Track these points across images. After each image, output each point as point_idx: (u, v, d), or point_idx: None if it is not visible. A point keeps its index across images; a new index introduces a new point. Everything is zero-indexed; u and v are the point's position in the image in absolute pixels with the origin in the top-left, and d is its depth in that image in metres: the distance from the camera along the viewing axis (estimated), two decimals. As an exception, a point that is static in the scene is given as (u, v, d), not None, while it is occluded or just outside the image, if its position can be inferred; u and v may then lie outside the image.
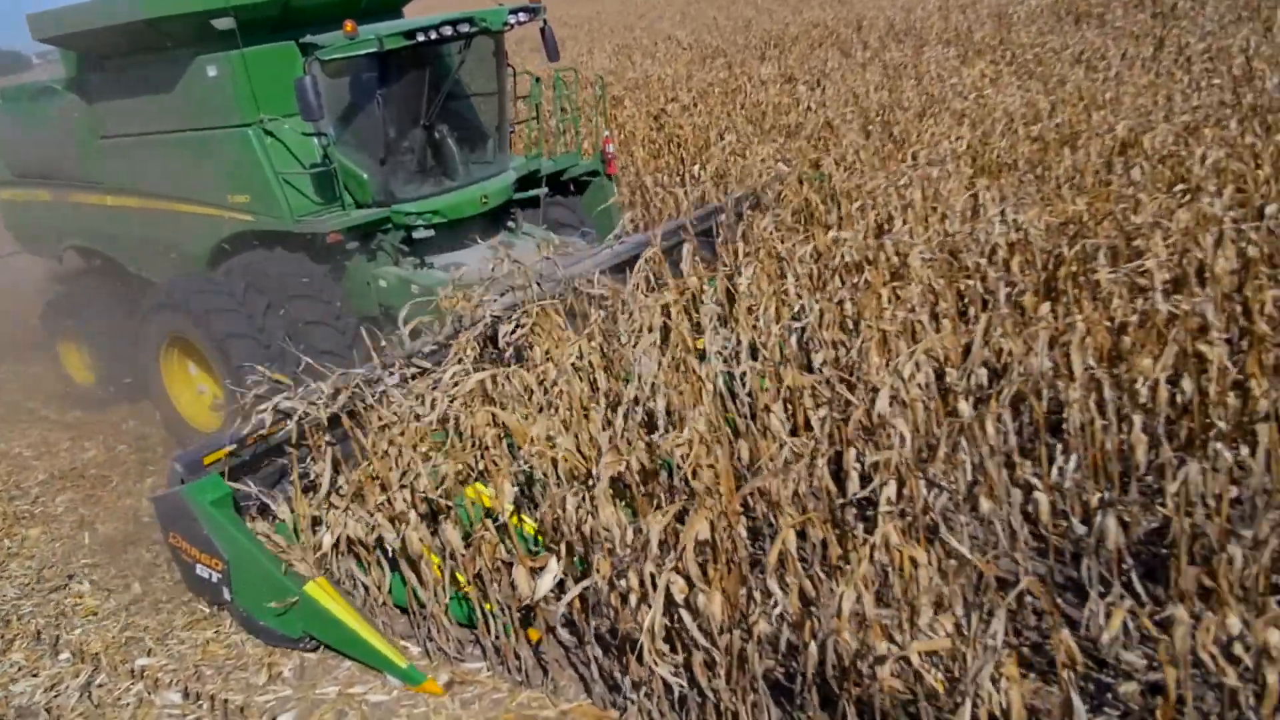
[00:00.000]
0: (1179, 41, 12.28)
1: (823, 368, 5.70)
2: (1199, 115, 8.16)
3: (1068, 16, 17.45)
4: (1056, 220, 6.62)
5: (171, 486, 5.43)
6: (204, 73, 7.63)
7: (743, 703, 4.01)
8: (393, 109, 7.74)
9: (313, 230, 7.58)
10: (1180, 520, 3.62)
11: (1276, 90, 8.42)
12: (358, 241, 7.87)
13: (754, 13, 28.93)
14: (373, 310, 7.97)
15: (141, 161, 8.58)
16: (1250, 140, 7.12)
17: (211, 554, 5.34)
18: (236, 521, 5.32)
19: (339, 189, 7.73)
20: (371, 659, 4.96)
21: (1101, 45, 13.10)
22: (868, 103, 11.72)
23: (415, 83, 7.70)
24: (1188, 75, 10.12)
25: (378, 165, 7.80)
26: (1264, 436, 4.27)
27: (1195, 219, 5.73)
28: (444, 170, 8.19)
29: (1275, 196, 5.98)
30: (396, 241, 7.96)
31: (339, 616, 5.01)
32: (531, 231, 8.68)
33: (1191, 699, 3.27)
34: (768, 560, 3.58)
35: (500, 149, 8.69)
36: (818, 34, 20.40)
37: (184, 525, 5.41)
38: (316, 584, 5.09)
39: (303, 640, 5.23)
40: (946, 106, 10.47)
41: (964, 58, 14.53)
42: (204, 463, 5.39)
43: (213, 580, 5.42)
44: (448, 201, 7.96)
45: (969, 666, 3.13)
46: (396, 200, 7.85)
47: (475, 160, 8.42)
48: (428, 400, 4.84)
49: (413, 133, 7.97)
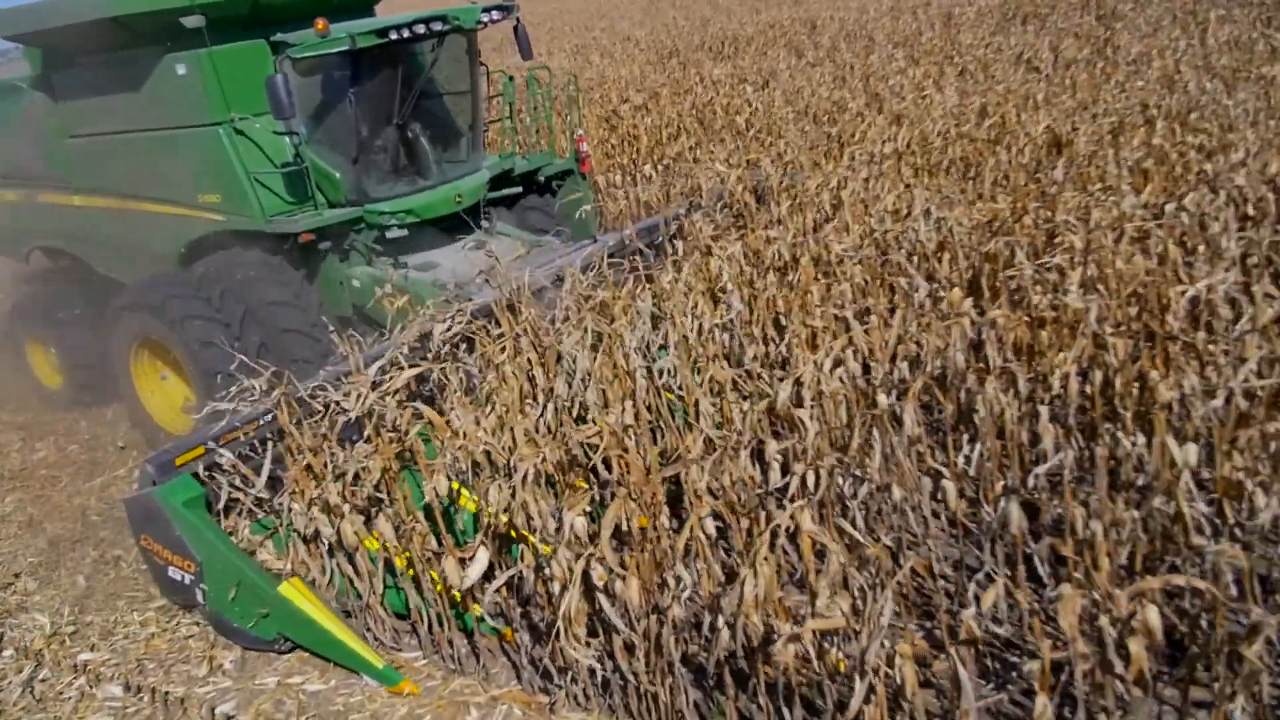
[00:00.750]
0: (1112, 44, 12.56)
1: (752, 363, 5.85)
2: (1125, 116, 8.39)
3: (1014, 18, 17.76)
4: (983, 219, 6.81)
5: (142, 488, 5.35)
6: (173, 71, 7.52)
7: (661, 685, 4.15)
8: (365, 108, 7.68)
9: (285, 230, 7.52)
10: (1068, 502, 3.78)
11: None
12: (330, 241, 7.83)
13: (712, 12, 29.10)
14: (345, 310, 7.91)
15: (110, 161, 8.45)
16: (1159, 141, 7.35)
17: (184, 555, 5.25)
18: (209, 522, 5.25)
19: (311, 188, 7.65)
20: (347, 660, 4.91)
21: (1038, 46, 13.35)
22: (812, 103, 11.89)
23: (388, 81, 7.64)
24: (1119, 77, 10.37)
25: (350, 164, 7.75)
26: (1159, 425, 4.48)
27: (1108, 217, 5.93)
28: (417, 169, 8.13)
29: (1178, 196, 6.19)
30: (369, 241, 7.94)
31: (313, 617, 4.94)
32: (506, 231, 8.66)
33: (1072, 671, 3.45)
34: (677, 546, 3.72)
35: (473, 148, 8.66)
36: (772, 34, 20.59)
37: (155, 527, 5.31)
38: (290, 584, 5.03)
39: (277, 642, 5.17)
40: (885, 107, 10.66)
41: (912, 59, 14.76)
42: (175, 464, 5.30)
43: (185, 582, 5.33)
44: (421, 201, 7.93)
45: (861, 644, 3.28)
46: (369, 199, 7.81)
47: (448, 159, 8.37)
48: (353, 395, 4.92)
49: (385, 131, 7.92)
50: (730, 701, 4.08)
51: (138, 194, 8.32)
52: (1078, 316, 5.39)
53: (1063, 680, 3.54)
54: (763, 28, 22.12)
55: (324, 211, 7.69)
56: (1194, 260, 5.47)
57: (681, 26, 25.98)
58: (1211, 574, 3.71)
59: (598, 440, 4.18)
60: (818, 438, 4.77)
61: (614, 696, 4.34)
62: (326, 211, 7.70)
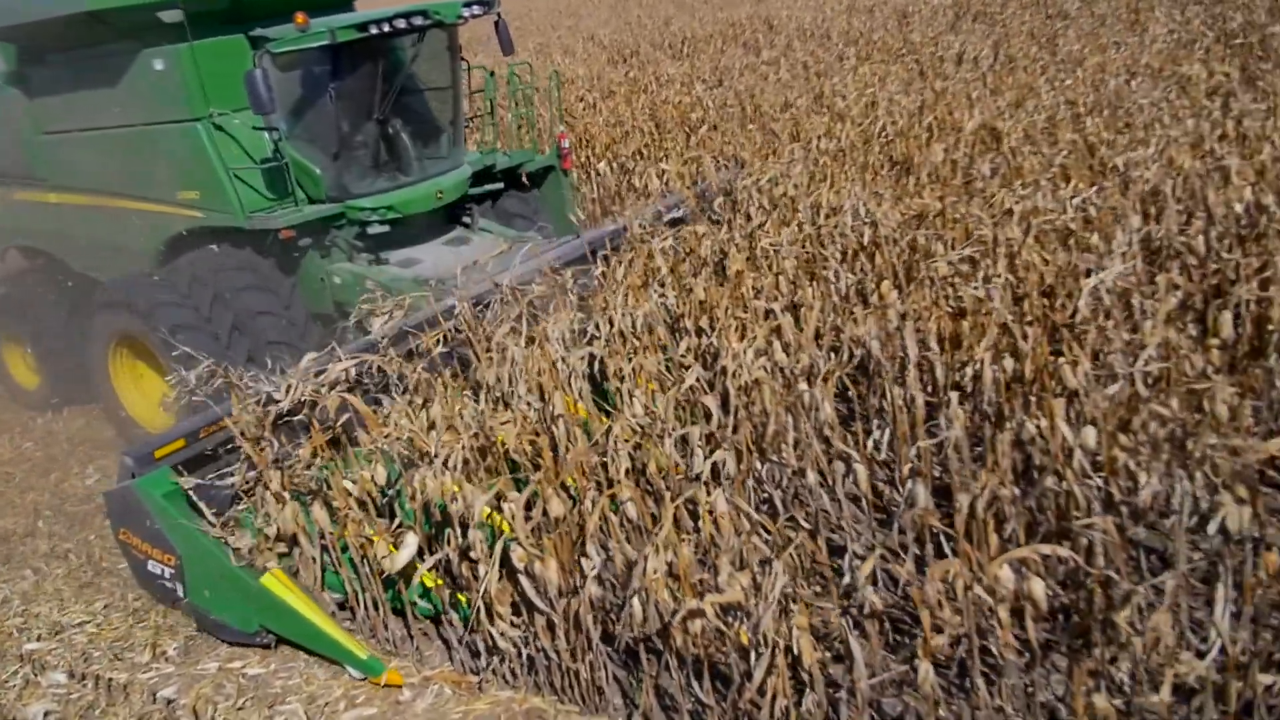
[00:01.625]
0: (1053, 43, 12.82)
1: (685, 354, 6.00)
2: (1053, 113, 8.62)
3: (965, 15, 18.01)
4: (912, 213, 7.01)
5: (121, 481, 5.28)
6: (151, 66, 7.44)
7: (582, 662, 4.31)
8: (346, 103, 7.66)
9: (265, 227, 7.46)
10: (954, 480, 3.99)
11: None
12: (311, 238, 7.77)
13: (676, 11, 29.21)
14: (327, 307, 7.87)
15: (86, 158, 8.35)
16: (1074, 136, 7.59)
17: (163, 549, 5.19)
18: (189, 514, 5.15)
19: (291, 184, 7.58)
20: (331, 651, 4.86)
21: (982, 45, 13.60)
22: (760, 101, 12.07)
23: (368, 76, 7.61)
24: (1051, 75, 10.63)
25: (331, 160, 7.70)
26: (1059, 408, 4.68)
27: (1023, 210, 6.14)
28: (398, 165, 8.09)
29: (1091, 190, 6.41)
30: (350, 237, 7.89)
31: (296, 608, 4.87)
32: (488, 227, 8.62)
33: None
34: (588, 527, 3.87)
35: (455, 144, 8.61)
36: (731, 33, 20.76)
37: (134, 520, 5.24)
38: (273, 575, 4.94)
39: (259, 635, 5.10)
40: (829, 105, 10.86)
41: (862, 57, 14.97)
42: (155, 456, 5.24)
43: (165, 576, 5.28)
44: (402, 197, 7.87)
45: (757, 617, 3.45)
46: (350, 195, 7.75)
47: (430, 155, 8.32)
48: (283, 386, 5.04)
49: (366, 127, 7.87)
50: (648, 676, 4.25)
51: (115, 191, 8.23)
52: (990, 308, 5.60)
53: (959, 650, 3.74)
54: (722, 26, 22.29)
55: (304, 208, 7.63)
56: (1102, 252, 5.68)
57: (645, 25, 26.10)
58: (1103, 549, 3.94)
59: (511, 427, 4.33)
60: (740, 424, 4.96)
61: (539, 674, 4.50)
62: (307, 208, 7.64)
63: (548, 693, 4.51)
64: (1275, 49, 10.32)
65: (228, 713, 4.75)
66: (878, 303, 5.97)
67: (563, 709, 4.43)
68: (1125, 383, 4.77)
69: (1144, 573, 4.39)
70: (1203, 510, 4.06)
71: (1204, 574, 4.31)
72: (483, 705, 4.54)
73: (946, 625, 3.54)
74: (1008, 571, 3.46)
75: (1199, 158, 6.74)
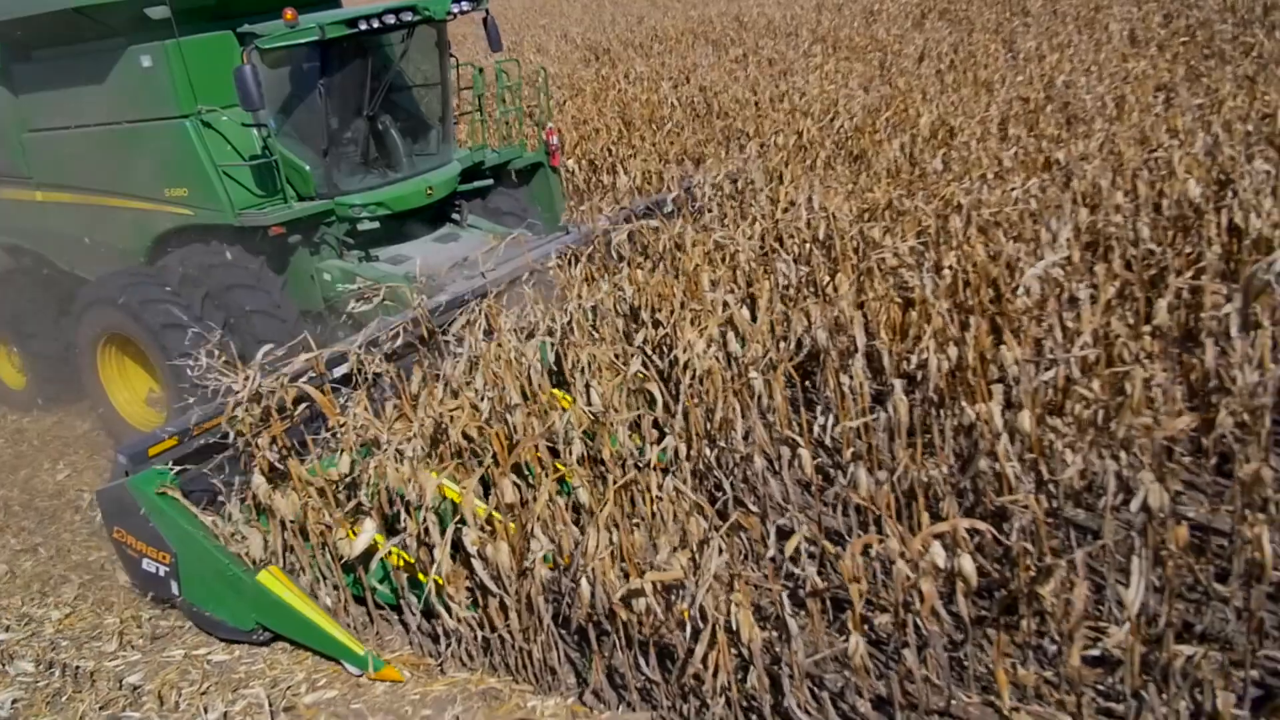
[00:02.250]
0: (1009, 41, 13.04)
1: (640, 346, 6.13)
2: (1006, 111, 8.81)
3: (932, 13, 18.22)
4: (864, 207, 7.17)
5: (115, 479, 5.25)
6: (138, 63, 7.36)
7: (535, 643, 4.44)
8: (335, 99, 7.61)
9: (255, 224, 7.43)
10: (920, 466, 4.15)
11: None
12: (301, 235, 7.75)
13: (650, 9, 29.32)
14: (317, 305, 7.85)
15: (73, 155, 8.26)
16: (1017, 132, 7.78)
17: (158, 547, 5.13)
18: (184, 511, 5.10)
19: (281, 181, 7.52)
20: (328, 647, 4.82)
21: (942, 43, 13.79)
22: (724, 98, 12.23)
23: (358, 73, 7.59)
24: (1004, 72, 10.84)
25: (320, 157, 7.67)
26: (997, 394, 4.84)
27: (969, 202, 6.31)
28: (388, 162, 8.07)
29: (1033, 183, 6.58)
30: (340, 234, 7.86)
31: (293, 605, 4.83)
32: (478, 223, 8.63)
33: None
34: (534, 510, 4.00)
35: (444, 140, 8.59)
36: (701, 30, 20.90)
37: (128, 519, 5.18)
38: (269, 572, 4.90)
39: (255, 632, 5.04)
40: (789, 101, 11.02)
41: (827, 54, 15.15)
42: (148, 454, 5.22)
43: (160, 574, 5.21)
44: (392, 193, 7.84)
45: (693, 592, 3.59)
46: (340, 192, 7.72)
47: (419, 151, 8.29)
48: (241, 376, 5.13)
49: (355, 123, 7.84)
50: (598, 655, 4.38)
51: (102, 189, 8.15)
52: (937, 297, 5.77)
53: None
54: (693, 24, 22.43)
55: (294, 205, 7.58)
56: (1039, 245, 5.85)
57: (619, 23, 26.20)
58: (1031, 526, 4.10)
59: (458, 415, 4.46)
60: (690, 411, 5.10)
61: (494, 655, 4.62)
62: (296, 204, 7.59)
63: (503, 673, 4.64)
64: (1219, 47, 10.56)
65: (192, 697, 4.84)
66: (830, 294, 6.15)
67: (517, 688, 4.55)
68: (1061, 367, 4.96)
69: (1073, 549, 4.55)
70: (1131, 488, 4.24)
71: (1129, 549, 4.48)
72: (440, 686, 4.65)
73: (881, 601, 3.69)
74: (939, 548, 3.61)
75: (1144, 152, 6.95)
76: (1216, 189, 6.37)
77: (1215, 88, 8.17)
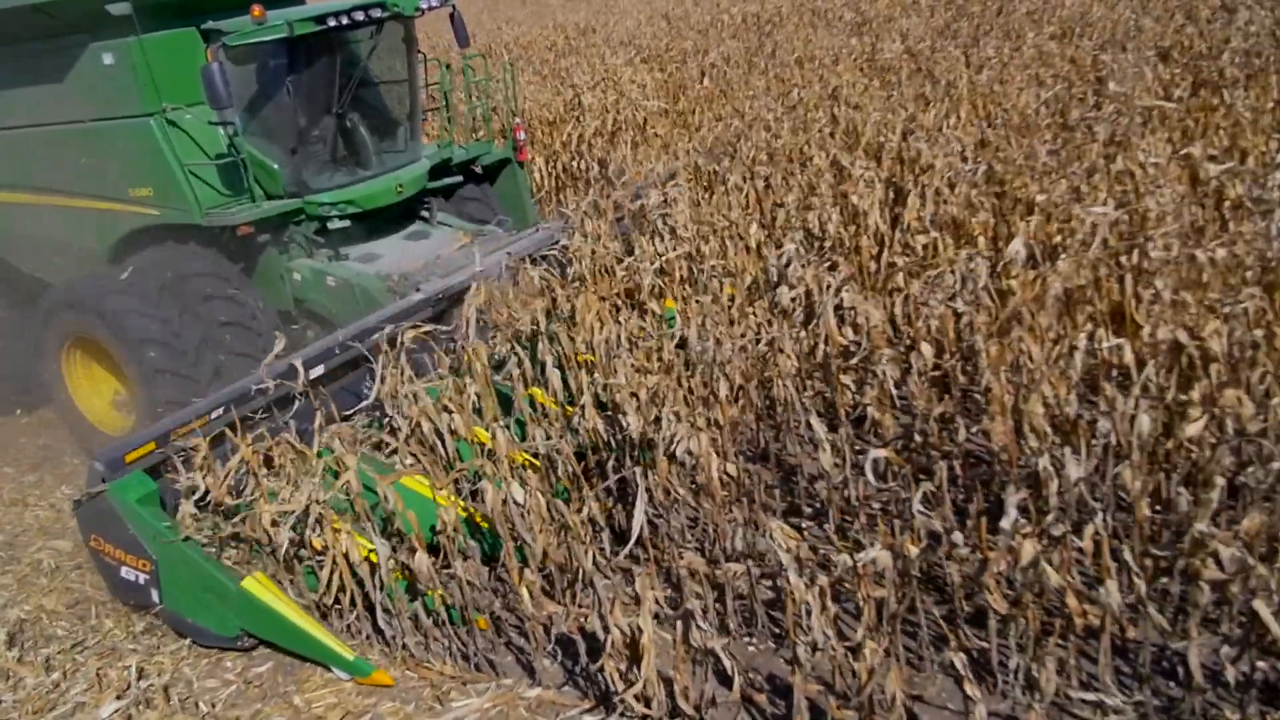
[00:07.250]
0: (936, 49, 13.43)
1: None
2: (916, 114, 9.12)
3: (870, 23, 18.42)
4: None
5: (91, 487, 5.05)
6: (100, 61, 7.09)
7: (470, 638, 4.65)
8: (303, 97, 7.41)
9: (222, 224, 7.19)
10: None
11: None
12: (269, 234, 7.54)
13: (595, 15, 29.22)
14: (286, 305, 7.65)
15: (33, 155, 7.93)
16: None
17: (138, 554, 4.97)
18: (164, 518, 4.98)
19: (249, 180, 7.30)
20: (317, 653, 4.68)
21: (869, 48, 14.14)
22: (648, 107, 12.42)
23: (326, 69, 7.38)
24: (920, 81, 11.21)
25: (288, 155, 7.44)
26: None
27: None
28: (357, 160, 7.85)
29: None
30: (310, 233, 7.65)
31: (280, 611, 4.68)
32: (448, 221, 8.42)
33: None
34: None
35: (413, 137, 8.36)
36: (666, 30, 21.00)
37: (106, 527, 5.02)
38: (254, 579, 4.75)
39: (239, 639, 4.88)
40: (716, 108, 11.26)
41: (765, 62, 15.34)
42: (125, 460, 5.04)
43: (139, 582, 5.04)
44: (362, 191, 7.63)
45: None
46: (309, 191, 7.51)
47: (388, 149, 8.10)
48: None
49: (324, 121, 7.63)
50: (537, 649, 4.53)
51: (64, 189, 7.87)
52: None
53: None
54: (640, 23, 22.49)
55: (262, 203, 7.38)
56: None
57: (592, 24, 26.00)
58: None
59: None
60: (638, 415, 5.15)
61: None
62: (265, 203, 7.39)
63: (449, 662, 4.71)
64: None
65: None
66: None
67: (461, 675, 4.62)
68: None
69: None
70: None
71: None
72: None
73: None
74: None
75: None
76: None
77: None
